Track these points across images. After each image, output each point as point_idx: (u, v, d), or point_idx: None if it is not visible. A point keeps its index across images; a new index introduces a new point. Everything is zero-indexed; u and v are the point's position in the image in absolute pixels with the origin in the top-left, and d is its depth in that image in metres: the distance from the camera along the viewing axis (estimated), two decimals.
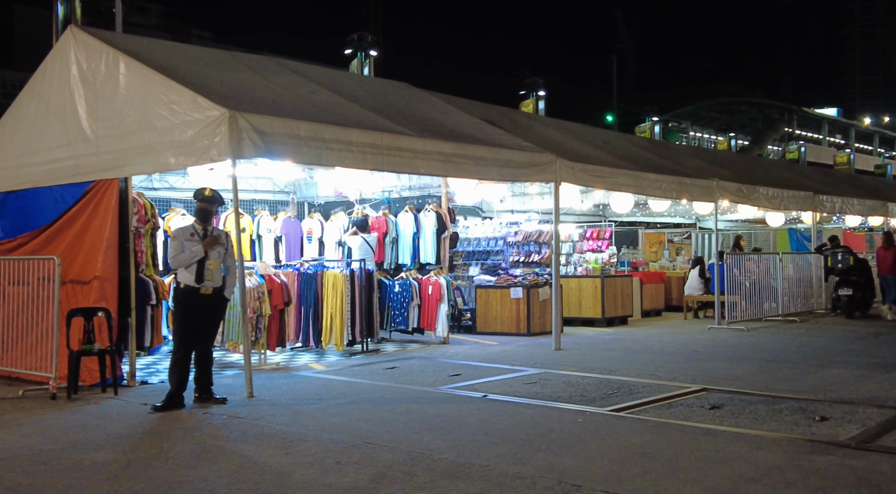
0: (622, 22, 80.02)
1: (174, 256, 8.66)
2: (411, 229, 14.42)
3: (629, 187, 14.83)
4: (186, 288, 8.60)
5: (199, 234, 8.72)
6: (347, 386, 9.66)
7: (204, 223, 8.86)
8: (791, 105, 67.25)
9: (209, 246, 8.60)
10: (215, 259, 8.63)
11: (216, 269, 8.64)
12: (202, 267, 8.55)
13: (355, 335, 12.74)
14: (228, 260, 8.86)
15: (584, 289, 17.52)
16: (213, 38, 64.01)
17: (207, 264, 8.57)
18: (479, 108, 15.83)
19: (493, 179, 12.31)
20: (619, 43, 78.74)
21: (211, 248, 8.61)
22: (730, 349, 13.10)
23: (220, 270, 8.73)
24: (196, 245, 8.57)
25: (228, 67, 11.39)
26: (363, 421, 7.57)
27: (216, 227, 9.02)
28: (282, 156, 9.30)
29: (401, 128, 10.96)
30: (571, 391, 9.26)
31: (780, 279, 18.54)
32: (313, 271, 12.89)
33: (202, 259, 8.55)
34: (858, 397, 8.86)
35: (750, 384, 9.71)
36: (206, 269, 8.56)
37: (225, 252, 8.79)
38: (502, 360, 11.88)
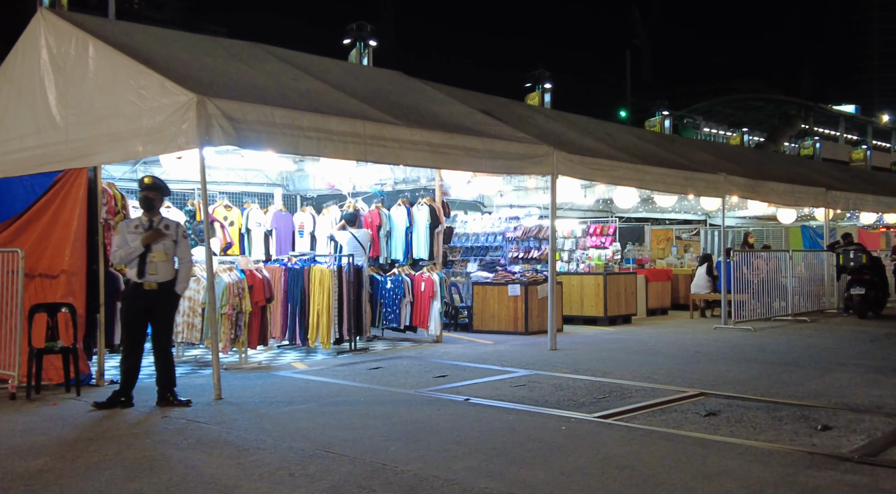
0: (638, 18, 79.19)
1: (114, 251, 8.23)
2: (404, 223, 13.93)
3: (631, 181, 14.27)
4: (130, 283, 8.15)
5: (143, 226, 8.23)
6: (325, 388, 9.17)
7: (149, 214, 8.34)
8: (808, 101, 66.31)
9: (148, 240, 8.08)
10: (160, 252, 8.13)
11: (161, 262, 8.14)
12: (144, 261, 8.06)
13: (343, 334, 12.27)
14: (181, 252, 8.35)
15: (586, 287, 16.97)
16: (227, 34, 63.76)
17: (150, 257, 8.08)
18: (478, 98, 15.29)
19: (486, 171, 11.79)
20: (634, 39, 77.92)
21: (153, 241, 8.11)
22: (734, 351, 12.54)
23: (170, 263, 8.23)
24: (139, 238, 8.08)
25: (209, 52, 10.91)
26: (330, 427, 7.08)
27: (165, 217, 8.48)
28: (255, 144, 8.81)
29: (387, 117, 10.45)
30: (560, 394, 8.74)
31: (789, 278, 17.94)
32: (300, 267, 12.42)
33: (144, 252, 8.05)
34: (865, 404, 8.30)
35: (751, 388, 9.17)
36: (149, 262, 8.08)
37: (174, 244, 8.27)
38: (494, 360, 11.37)
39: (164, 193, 8.55)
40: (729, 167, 17.94)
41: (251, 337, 11.04)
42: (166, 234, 8.22)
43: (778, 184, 18.41)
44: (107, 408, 7.87)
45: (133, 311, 8.12)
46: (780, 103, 65.05)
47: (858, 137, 67.78)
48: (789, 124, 60.32)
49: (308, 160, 14.09)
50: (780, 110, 63.97)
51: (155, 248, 8.10)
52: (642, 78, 75.61)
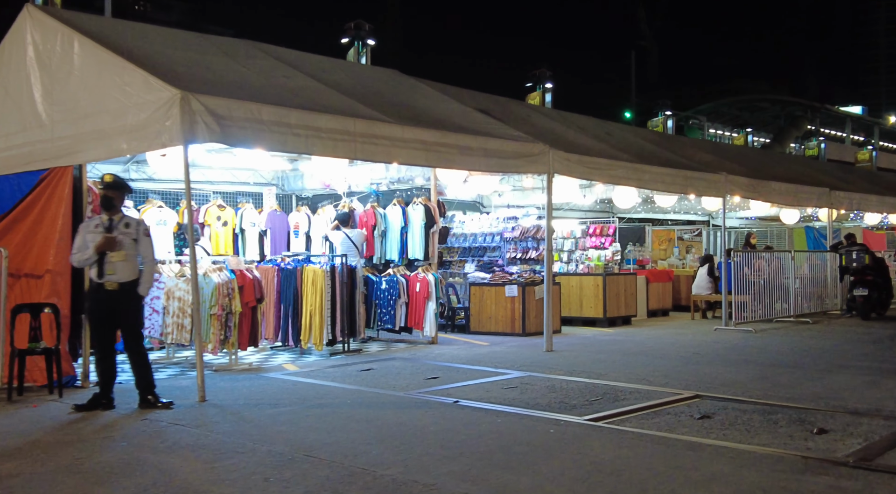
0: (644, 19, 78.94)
1: (73, 253, 8.08)
2: (399, 223, 13.77)
3: (630, 181, 14.09)
4: (92, 283, 7.99)
5: (103, 225, 8.05)
6: (312, 390, 9.01)
7: (109, 213, 8.13)
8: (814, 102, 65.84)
9: (100, 249, 7.87)
10: (119, 252, 7.94)
11: (120, 261, 7.95)
12: (103, 260, 7.89)
13: (336, 335, 12.11)
14: (144, 251, 8.15)
15: (585, 287, 16.78)
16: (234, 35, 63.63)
17: (109, 256, 7.90)
18: (475, 97, 15.13)
19: (480, 169, 11.63)
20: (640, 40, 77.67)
21: (111, 249, 7.90)
22: (733, 352, 12.35)
23: (131, 262, 8.02)
24: (99, 238, 7.91)
25: (199, 50, 10.76)
26: (313, 430, 6.91)
27: (126, 215, 8.29)
28: (241, 142, 8.66)
29: (378, 114, 10.29)
30: (552, 397, 8.56)
31: (791, 279, 17.74)
32: (293, 267, 12.26)
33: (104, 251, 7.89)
34: (864, 406, 8.11)
35: (748, 390, 8.98)
36: (107, 262, 7.90)
37: (135, 243, 8.06)
38: (488, 362, 11.19)
39: (124, 191, 8.35)
40: (730, 167, 17.75)
41: (241, 338, 10.88)
42: (126, 233, 8.02)
43: (780, 184, 18.20)
44: (87, 410, 7.72)
45: (97, 312, 7.98)
46: (786, 104, 64.55)
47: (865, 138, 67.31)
48: (795, 125, 59.94)
49: (303, 160, 13.94)
50: (787, 111, 63.47)
51: (115, 248, 7.92)
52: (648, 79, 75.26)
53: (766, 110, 64.94)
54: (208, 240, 13.86)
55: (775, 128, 62.51)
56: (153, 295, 11.51)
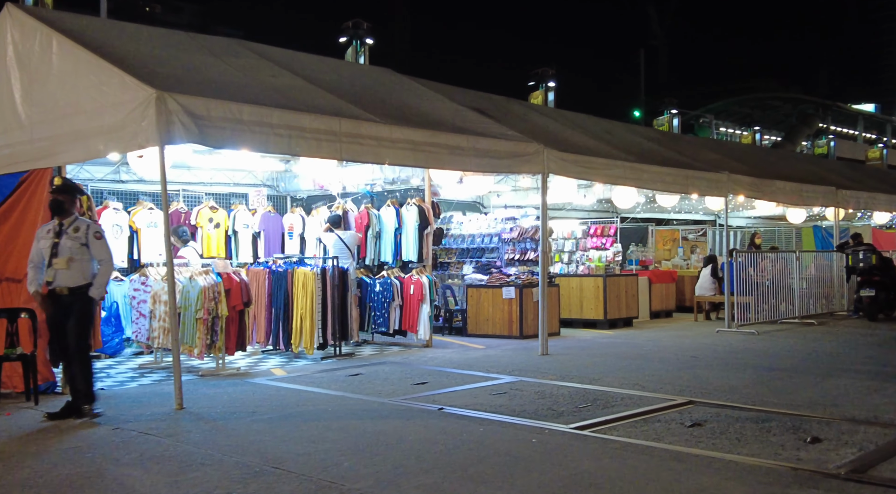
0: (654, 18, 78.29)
1: (29, 260, 7.92)
2: (393, 224, 13.54)
3: (628, 180, 13.82)
4: (48, 290, 7.80)
5: (54, 230, 7.86)
6: (295, 396, 8.79)
7: (59, 217, 7.91)
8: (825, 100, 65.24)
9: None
10: (62, 259, 7.73)
11: (62, 269, 7.73)
12: (50, 266, 7.73)
13: (327, 338, 11.90)
14: (97, 254, 7.91)
15: (585, 289, 16.53)
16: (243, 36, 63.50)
17: (54, 262, 7.72)
18: (471, 96, 14.90)
19: (471, 169, 11.40)
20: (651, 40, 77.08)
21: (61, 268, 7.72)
22: (733, 356, 12.08)
23: (79, 267, 7.79)
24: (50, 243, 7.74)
25: (183, 48, 10.56)
26: (287, 440, 6.69)
27: (79, 219, 8.05)
28: (221, 142, 8.44)
29: (366, 114, 10.06)
30: (540, 403, 8.32)
31: (796, 279, 17.43)
32: (283, 270, 12.06)
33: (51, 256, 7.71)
34: (862, 413, 7.84)
35: (743, 396, 8.72)
36: (50, 269, 7.73)
37: (85, 248, 7.83)
38: (481, 366, 10.96)
39: (75, 194, 8.14)
40: (734, 166, 17.47)
41: (228, 343, 10.67)
42: (74, 237, 7.80)
43: (785, 183, 17.89)
44: (60, 419, 7.52)
45: (54, 318, 7.79)
46: (798, 102, 63.99)
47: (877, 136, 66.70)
48: (806, 123, 59.37)
49: (296, 160, 13.73)
50: (798, 109, 62.92)
51: (61, 252, 7.73)
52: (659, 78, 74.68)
53: (778, 109, 64.41)
54: (200, 242, 13.67)
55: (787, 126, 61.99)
56: (140, 299, 11.37)
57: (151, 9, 60.93)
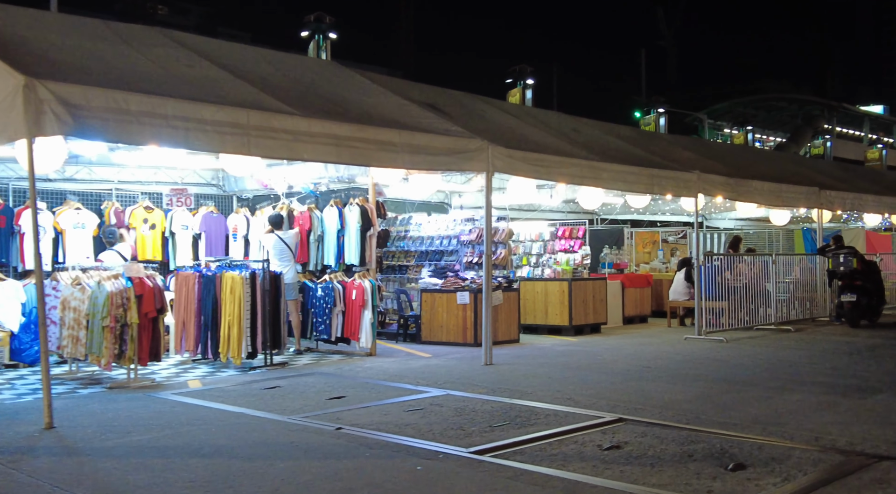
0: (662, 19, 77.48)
1: None
2: (335, 225, 12.82)
3: (586, 179, 13.05)
4: None
5: None
6: (188, 414, 8.05)
7: None
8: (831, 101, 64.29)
9: None
10: None
11: None
12: None
13: (257, 347, 11.15)
14: None
15: (550, 293, 15.76)
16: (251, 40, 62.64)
17: None
18: (427, 92, 14.18)
19: (404, 167, 10.64)
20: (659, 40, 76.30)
21: None
22: (689, 366, 11.32)
23: None
24: None
25: (93, 37, 9.85)
26: (137, 470, 5.94)
27: None
28: (103, 135, 7.72)
29: (284, 106, 9.34)
30: (453, 422, 7.57)
31: (773, 284, 16.64)
32: (212, 274, 11.34)
33: None
34: (804, 434, 7.08)
35: (681, 413, 7.96)
36: None
37: None
38: (414, 378, 10.21)
39: None
40: (709, 165, 16.71)
41: (141, 353, 9.93)
42: None
43: (762, 183, 17.09)
44: None
45: None
46: (804, 103, 63.06)
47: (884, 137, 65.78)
48: (811, 125, 58.49)
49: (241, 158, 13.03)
50: (804, 111, 62.06)
51: None
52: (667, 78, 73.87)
53: (784, 110, 63.53)
54: (133, 244, 12.97)
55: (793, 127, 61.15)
56: (51, 305, 10.64)
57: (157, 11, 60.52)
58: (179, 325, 11.67)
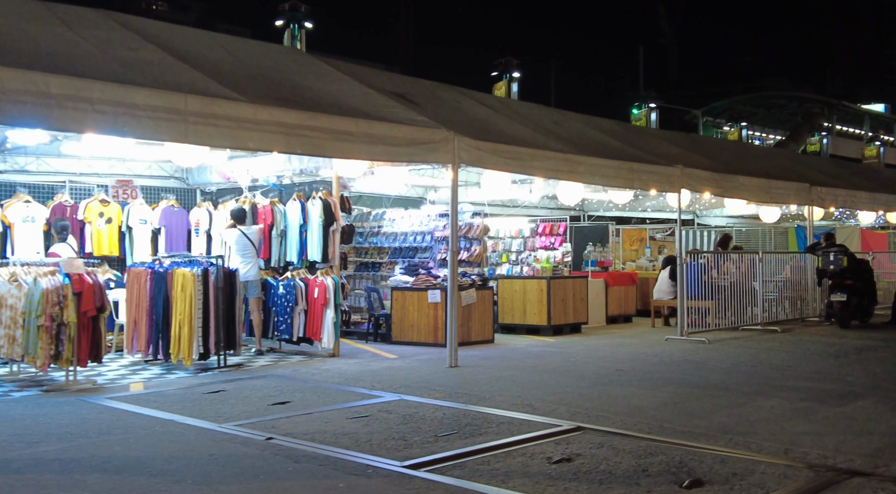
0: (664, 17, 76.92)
1: None
2: (298, 220, 12.24)
3: (561, 173, 12.49)
4: None
5: None
6: (114, 421, 7.49)
7: None
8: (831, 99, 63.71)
9: None
10: None
11: None
12: None
13: (209, 348, 10.59)
14: None
15: (528, 292, 15.19)
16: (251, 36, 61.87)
17: None
18: (398, 81, 13.65)
19: (362, 157, 10.08)
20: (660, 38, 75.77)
21: None
22: (665, 369, 10.76)
23: None
24: None
25: (31, 17, 9.29)
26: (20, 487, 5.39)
27: None
28: (19, 120, 7.18)
29: (229, 92, 8.77)
30: (397, 430, 7.01)
31: (760, 283, 16.08)
32: (164, 270, 10.78)
33: None
34: (775, 444, 6.52)
35: (645, 420, 7.41)
36: None
37: None
38: (371, 381, 9.65)
39: None
40: (695, 160, 16.14)
41: (81, 354, 9.37)
42: None
43: (750, 178, 16.52)
44: None
45: None
46: (803, 101, 62.55)
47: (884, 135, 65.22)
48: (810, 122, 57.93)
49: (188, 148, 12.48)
50: (804, 109, 61.57)
51: None
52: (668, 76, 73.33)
53: (783, 108, 63.04)
54: (90, 239, 12.44)
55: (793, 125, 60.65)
56: None
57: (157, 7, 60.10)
58: (131, 324, 11.13)
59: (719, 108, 59.05)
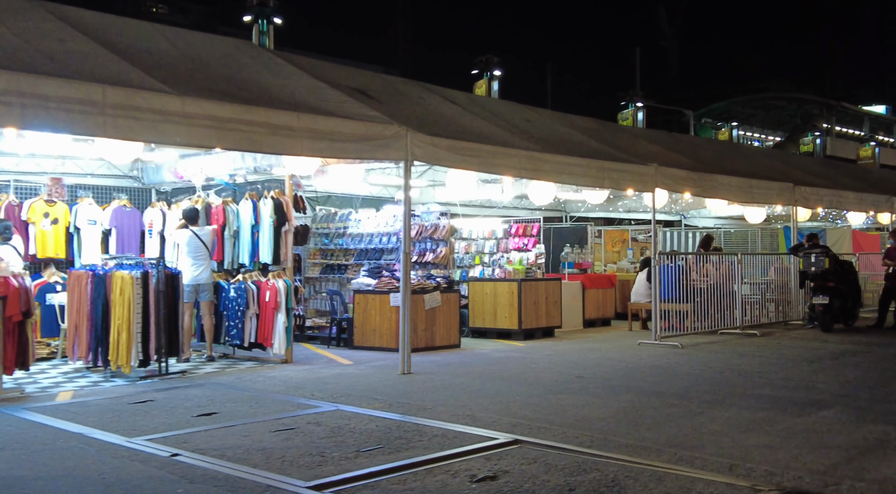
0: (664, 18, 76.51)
1: None
2: (250, 220, 11.74)
3: (525, 171, 11.99)
4: None
5: None
6: (17, 435, 6.99)
7: None
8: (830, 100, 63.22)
9: None
10: None
11: None
12: None
13: (150, 354, 10.09)
14: None
15: (499, 295, 14.68)
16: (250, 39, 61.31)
17: None
18: (359, 76, 13.15)
19: (304, 153, 9.58)
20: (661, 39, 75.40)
21: None
22: (627, 375, 10.26)
23: None
24: None
25: None
26: None
27: None
28: None
29: (156, 83, 8.28)
30: (319, 445, 6.52)
31: (739, 285, 15.57)
32: (103, 273, 10.29)
33: None
34: (721, 460, 6.02)
35: (590, 432, 6.91)
36: None
37: None
38: (312, 390, 9.15)
39: None
40: (674, 159, 15.65)
41: (6, 361, 8.86)
42: None
43: (730, 178, 16.01)
44: None
45: None
46: (803, 103, 62.08)
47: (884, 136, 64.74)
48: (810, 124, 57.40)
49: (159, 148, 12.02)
50: (803, 110, 61.09)
51: None
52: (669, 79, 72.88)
53: (783, 109, 62.59)
54: (34, 240, 11.95)
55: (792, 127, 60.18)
56: None
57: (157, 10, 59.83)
58: (72, 329, 10.62)
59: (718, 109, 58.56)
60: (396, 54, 63.08)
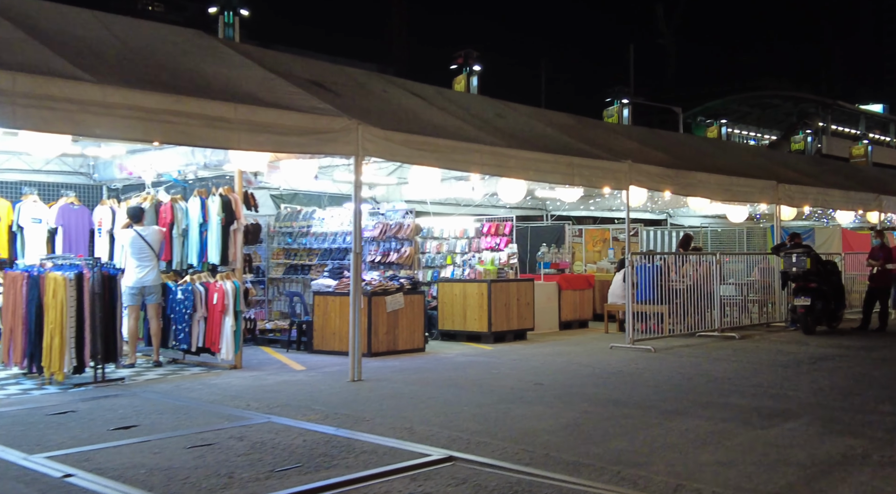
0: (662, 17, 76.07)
1: None
2: (198, 219, 11.18)
3: (487, 167, 11.45)
4: None
5: None
6: None
7: None
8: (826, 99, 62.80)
9: None
10: None
11: None
12: None
13: (84, 360, 9.53)
14: None
15: (469, 296, 14.14)
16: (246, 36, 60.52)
17: None
18: (316, 68, 12.60)
19: (241, 147, 9.02)
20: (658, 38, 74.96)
21: None
22: (589, 382, 9.72)
23: None
24: None
25: None
26: None
27: None
28: None
29: (77, 71, 7.72)
30: (232, 463, 5.97)
31: (717, 286, 15.03)
32: (37, 274, 9.73)
33: None
34: (667, 479, 5.50)
35: (532, 447, 6.38)
36: None
37: None
38: (249, 400, 8.59)
39: None
40: (651, 156, 15.12)
41: None
42: None
43: (709, 175, 15.47)
44: None
45: None
46: (799, 101, 61.71)
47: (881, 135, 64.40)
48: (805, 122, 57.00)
49: (108, 144, 11.49)
50: (799, 108, 60.73)
51: None
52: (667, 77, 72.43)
53: (778, 107, 62.30)
54: None
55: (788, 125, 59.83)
56: None
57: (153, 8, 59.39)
58: (7, 333, 10.09)
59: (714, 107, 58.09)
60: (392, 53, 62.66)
